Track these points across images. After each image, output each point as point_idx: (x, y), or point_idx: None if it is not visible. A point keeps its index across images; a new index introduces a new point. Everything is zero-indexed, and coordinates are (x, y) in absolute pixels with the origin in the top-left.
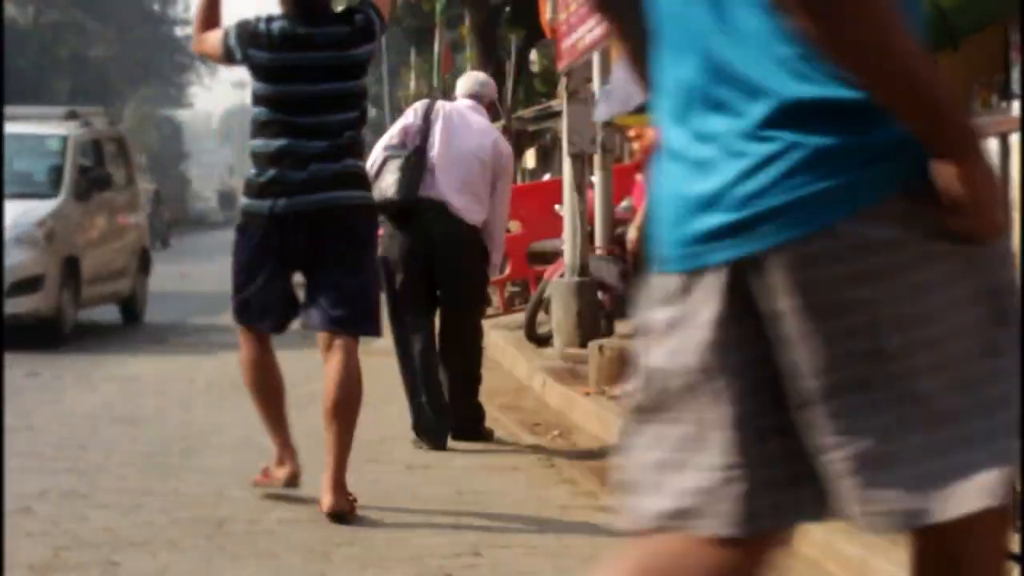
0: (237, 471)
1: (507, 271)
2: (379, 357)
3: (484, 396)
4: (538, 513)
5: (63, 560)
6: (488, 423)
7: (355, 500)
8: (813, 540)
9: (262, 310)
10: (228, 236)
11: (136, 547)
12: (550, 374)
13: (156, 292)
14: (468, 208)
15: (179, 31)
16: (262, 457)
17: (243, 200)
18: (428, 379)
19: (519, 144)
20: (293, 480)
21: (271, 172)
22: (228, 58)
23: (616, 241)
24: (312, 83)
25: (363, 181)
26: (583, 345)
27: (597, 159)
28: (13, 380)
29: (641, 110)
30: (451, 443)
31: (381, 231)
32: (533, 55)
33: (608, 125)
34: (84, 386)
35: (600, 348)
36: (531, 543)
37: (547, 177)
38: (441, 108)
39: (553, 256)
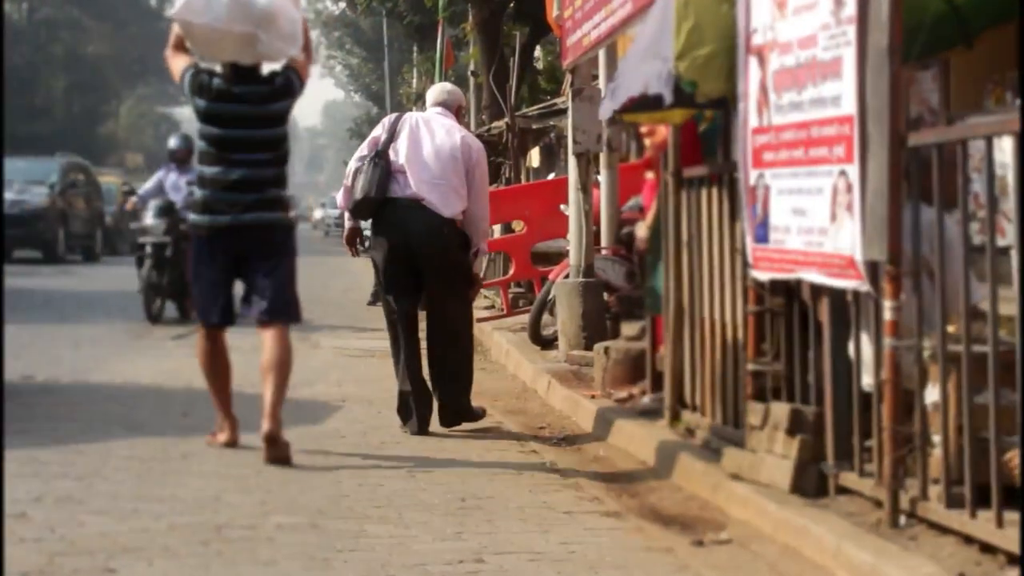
0: (236, 476)
1: (511, 272)
2: (383, 359)
3: (487, 399)
4: (542, 518)
5: (58, 566)
6: (490, 426)
7: (287, 444)
8: (823, 546)
9: (210, 307)
10: None
11: (132, 553)
12: (555, 377)
13: None
14: (444, 201)
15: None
16: (259, 461)
17: (193, 216)
18: (410, 368)
19: (523, 142)
20: (233, 443)
21: (211, 194)
22: (181, 90)
23: (622, 241)
24: (239, 129)
25: (281, 205)
26: (588, 348)
27: (603, 157)
28: (8, 383)
29: (650, 106)
30: (453, 447)
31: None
32: (537, 51)
33: (614, 122)
34: (81, 390)
35: (606, 350)
36: (535, 549)
37: (552, 176)
38: (408, 118)
39: (558, 257)
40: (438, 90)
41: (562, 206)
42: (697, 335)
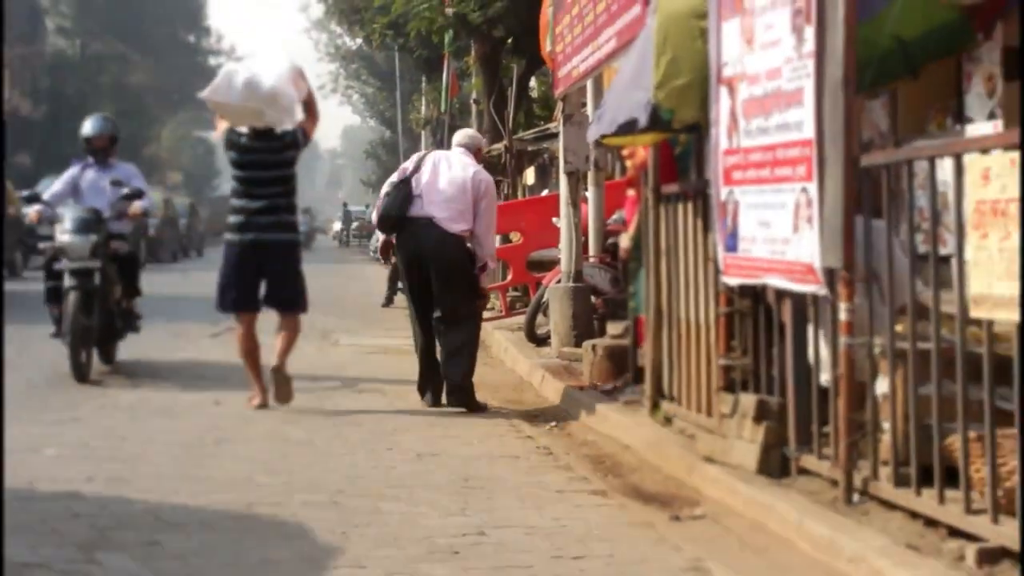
0: (264, 460)
1: (509, 278)
2: (395, 356)
3: (489, 391)
4: (537, 497)
5: (109, 539)
6: (491, 415)
7: (291, 384)
8: (787, 521)
9: (241, 301)
10: None
11: (174, 528)
12: (548, 371)
13: (195, 295)
14: (450, 220)
15: (212, 60)
16: (287, 446)
17: (225, 235)
18: (426, 355)
19: (519, 162)
20: (264, 405)
21: (240, 218)
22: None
23: (608, 251)
24: (257, 170)
25: (291, 228)
26: (578, 345)
27: (591, 176)
28: (62, 379)
29: (630, 130)
30: (457, 433)
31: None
32: (532, 82)
33: (600, 145)
34: (124, 381)
35: (593, 347)
36: (530, 523)
37: (545, 192)
38: (432, 155)
39: (551, 264)
40: (462, 134)
41: (554, 219)
42: (675, 334)
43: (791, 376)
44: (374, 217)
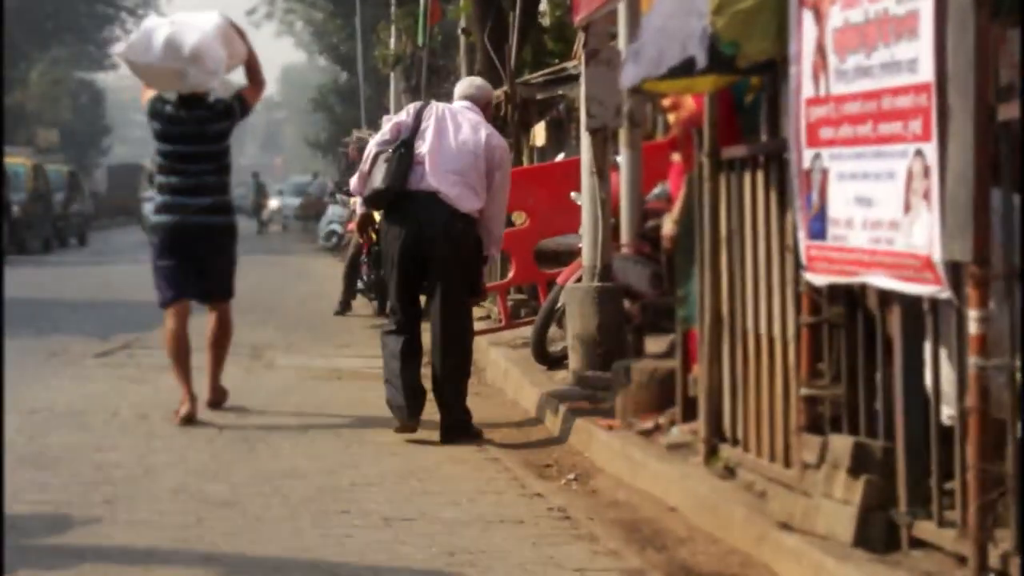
0: (172, 526)
1: (510, 275)
2: (353, 381)
3: (482, 430)
4: None
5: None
6: (487, 463)
7: (227, 392)
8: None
9: (170, 291)
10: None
11: None
12: (564, 403)
13: (70, 301)
14: (460, 196)
15: None
16: (203, 508)
17: (151, 217)
18: (405, 364)
19: (525, 116)
20: (191, 417)
21: (165, 198)
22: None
23: (647, 237)
24: (186, 145)
25: (225, 210)
26: (605, 368)
27: (623, 134)
28: None
29: (678, 73)
30: (438, 488)
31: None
32: (543, 5)
33: (637, 92)
34: None
35: (627, 371)
36: None
37: (560, 157)
38: (435, 108)
39: (568, 256)
40: (467, 83)
41: (573, 194)
42: (739, 352)
43: (901, 411)
44: (354, 185)
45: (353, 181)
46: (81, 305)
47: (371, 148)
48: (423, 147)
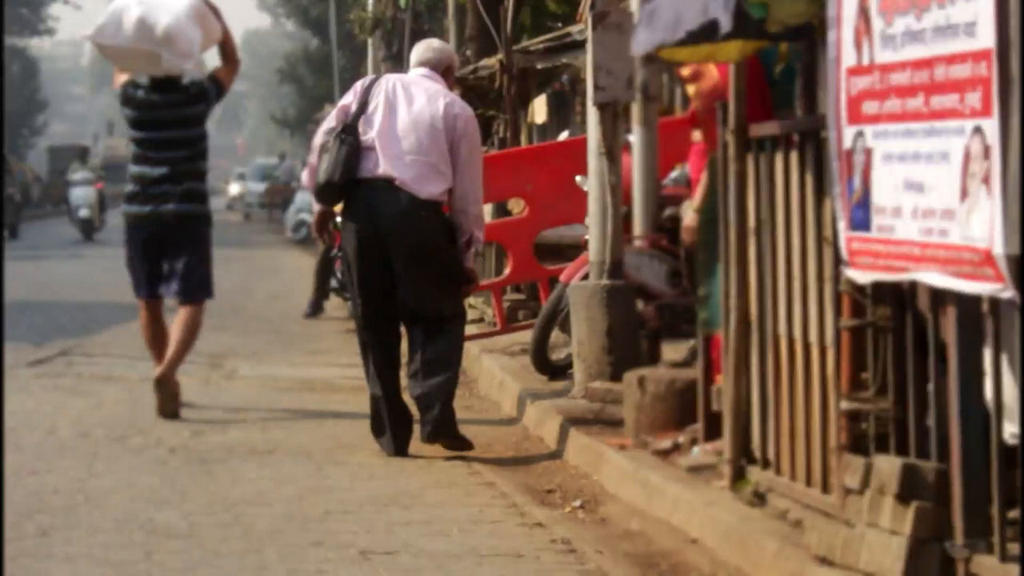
0: (117, 561)
1: (507, 271)
2: (326, 394)
3: (475, 447)
4: None
5: None
6: (480, 487)
7: (178, 386)
8: None
9: (143, 283)
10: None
11: None
12: (568, 419)
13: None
14: (419, 180)
15: None
16: (152, 539)
17: (122, 206)
18: (384, 380)
19: (523, 88)
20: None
21: (137, 187)
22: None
23: (664, 229)
24: (160, 131)
25: (198, 198)
26: (616, 378)
27: (636, 110)
28: None
29: (698, 38)
30: (423, 516)
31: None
32: None
33: (651, 61)
34: None
35: (641, 382)
36: None
37: (564, 136)
38: (384, 83)
39: (572, 250)
40: (423, 48)
41: (578, 178)
42: (769, 360)
43: (957, 428)
44: (304, 178)
45: (304, 175)
46: (11, 307)
47: (317, 138)
48: (371, 130)
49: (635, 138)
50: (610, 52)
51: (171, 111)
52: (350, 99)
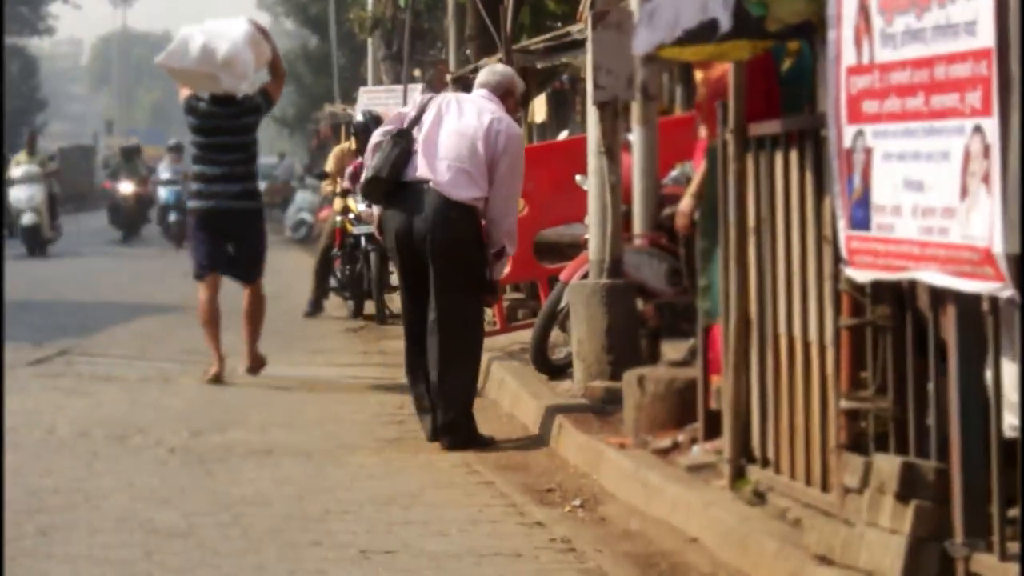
0: (116, 560)
1: (506, 270)
2: (326, 393)
3: (473, 450)
4: None
5: None
6: (480, 487)
7: (264, 359)
8: None
9: (203, 266)
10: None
11: None
12: (568, 418)
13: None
14: (453, 184)
15: None
16: (151, 538)
17: (188, 202)
18: (413, 374)
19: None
20: (219, 377)
21: (201, 186)
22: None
23: (663, 227)
24: (217, 136)
25: (253, 196)
26: (616, 377)
27: (635, 109)
28: None
29: (702, 36)
30: (423, 516)
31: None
32: None
33: (651, 60)
34: None
35: (640, 381)
36: None
37: (563, 135)
38: (441, 98)
39: (572, 249)
40: (486, 71)
41: (578, 177)
42: (769, 358)
43: (957, 426)
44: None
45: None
46: (11, 306)
47: (374, 137)
48: (419, 137)
49: (635, 137)
50: (610, 51)
51: (228, 121)
52: (409, 110)
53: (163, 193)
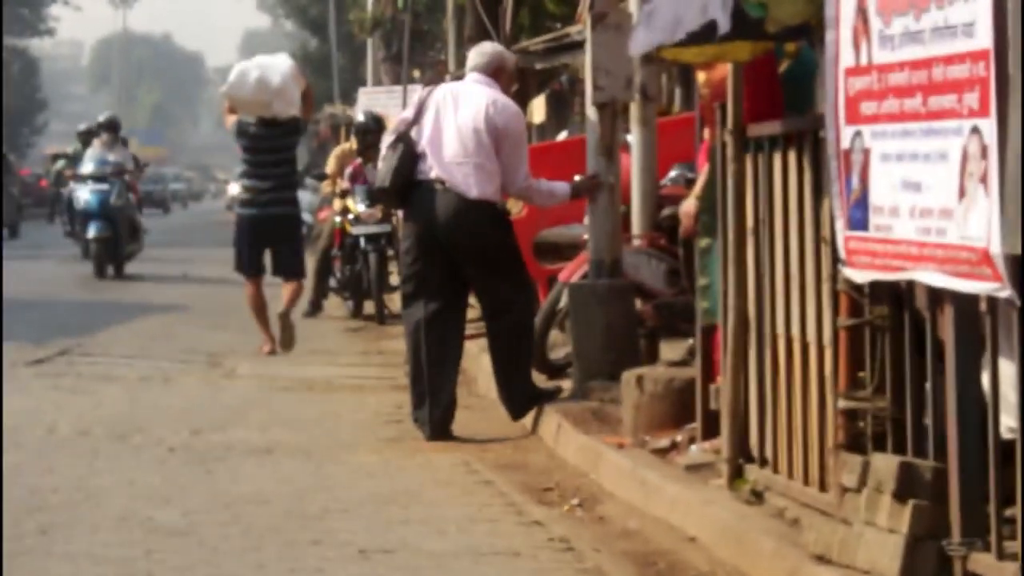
0: (116, 559)
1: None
2: (325, 393)
3: (473, 447)
4: None
5: None
6: (479, 486)
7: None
8: None
9: (250, 266)
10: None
11: None
12: (567, 418)
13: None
14: (468, 182)
15: None
16: (152, 537)
17: (236, 209)
18: (432, 369)
19: (522, 89)
20: (274, 352)
21: (249, 196)
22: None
23: (662, 228)
24: (264, 154)
25: (293, 203)
26: (614, 376)
27: (635, 109)
28: None
29: (697, 38)
30: (422, 515)
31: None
32: None
33: (650, 61)
34: None
35: (639, 381)
36: None
37: (563, 136)
38: (438, 93)
39: (571, 249)
40: (473, 53)
41: (577, 177)
42: (768, 358)
43: (954, 426)
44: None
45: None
46: (11, 306)
47: (383, 148)
48: (423, 138)
49: (634, 138)
50: (609, 52)
51: (274, 141)
52: (408, 112)
53: (83, 195)
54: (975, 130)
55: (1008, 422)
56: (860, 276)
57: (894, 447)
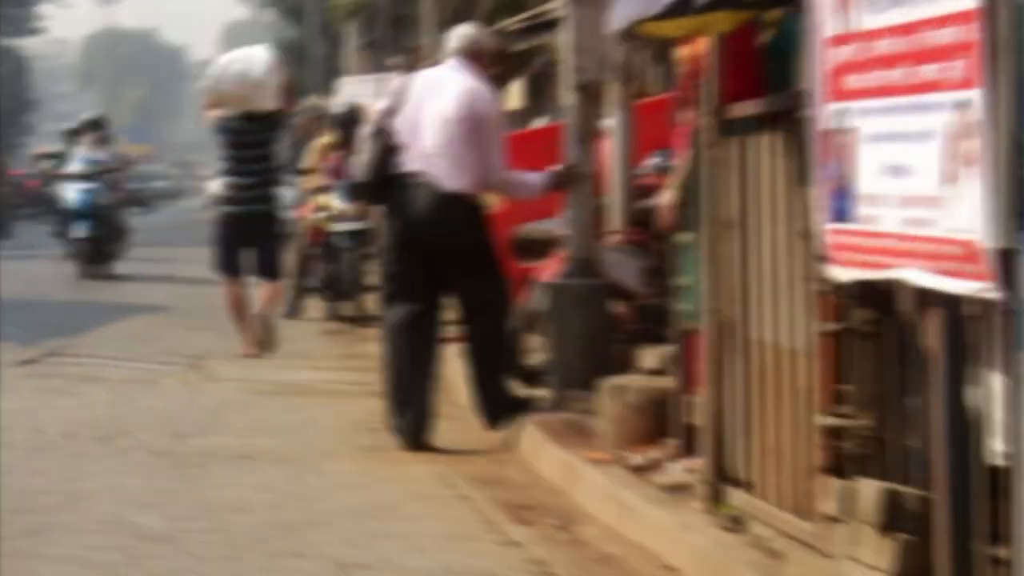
0: (101, 563)
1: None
2: (307, 398)
3: (448, 460)
4: None
5: None
6: (455, 501)
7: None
8: None
9: (229, 266)
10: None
11: None
12: (543, 429)
13: None
14: (448, 174)
15: None
16: (136, 542)
17: (217, 206)
18: (409, 375)
19: (504, 73)
20: (254, 354)
21: (231, 192)
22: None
23: (638, 221)
24: (244, 150)
25: (272, 200)
26: (590, 384)
27: (613, 92)
28: None
29: (677, 10)
30: (401, 529)
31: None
32: None
33: (632, 38)
34: None
35: (617, 391)
36: None
37: (539, 123)
38: (418, 81)
39: (547, 246)
40: (452, 38)
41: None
42: (753, 368)
43: (941, 448)
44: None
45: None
46: (2, 306)
47: (365, 135)
48: (402, 128)
49: (613, 122)
50: (589, 32)
51: (254, 136)
52: (387, 99)
53: (71, 194)
54: (962, 105)
55: (997, 446)
56: (843, 274)
57: (879, 470)
